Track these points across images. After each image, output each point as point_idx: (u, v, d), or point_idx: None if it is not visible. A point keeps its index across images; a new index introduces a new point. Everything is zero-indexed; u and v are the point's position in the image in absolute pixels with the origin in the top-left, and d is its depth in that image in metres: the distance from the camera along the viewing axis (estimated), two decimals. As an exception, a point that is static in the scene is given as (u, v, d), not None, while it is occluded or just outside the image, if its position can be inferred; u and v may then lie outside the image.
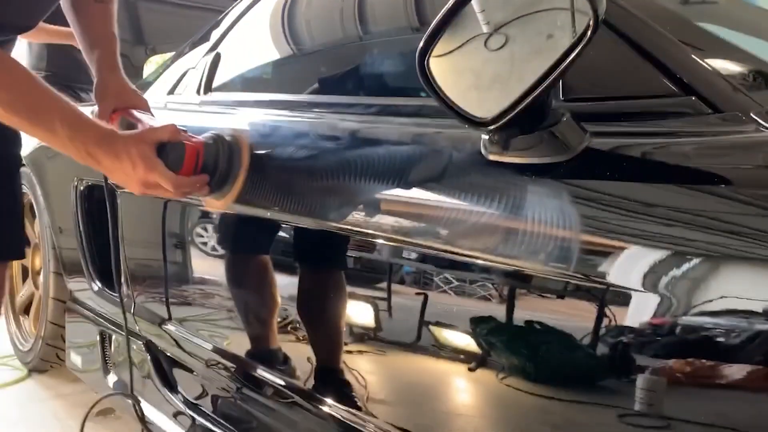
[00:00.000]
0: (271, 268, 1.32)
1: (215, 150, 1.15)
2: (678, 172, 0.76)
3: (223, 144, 1.16)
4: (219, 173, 1.14)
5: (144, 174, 1.07)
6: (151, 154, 1.07)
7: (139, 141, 1.08)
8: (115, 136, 1.08)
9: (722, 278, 0.68)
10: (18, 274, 2.62)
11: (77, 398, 2.21)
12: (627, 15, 0.93)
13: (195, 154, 1.11)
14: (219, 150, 1.15)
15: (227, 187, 1.16)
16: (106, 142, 1.07)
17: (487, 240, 0.85)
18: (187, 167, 1.10)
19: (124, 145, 1.08)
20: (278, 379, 1.28)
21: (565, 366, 0.81)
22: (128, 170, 1.07)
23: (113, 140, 1.08)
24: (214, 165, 1.14)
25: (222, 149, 1.15)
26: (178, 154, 1.09)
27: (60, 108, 1.07)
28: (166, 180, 1.08)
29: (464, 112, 0.81)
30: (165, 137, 1.10)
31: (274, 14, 1.74)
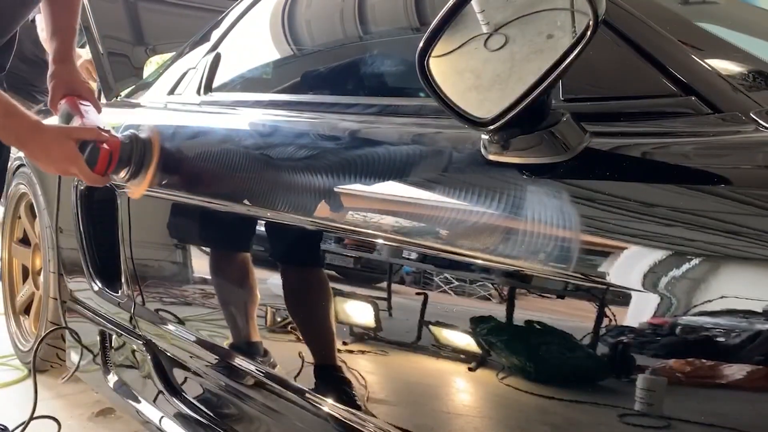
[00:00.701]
0: (270, 268, 1.32)
1: (130, 148, 1.41)
2: (678, 172, 0.76)
3: (137, 142, 1.43)
4: (133, 167, 1.42)
5: (65, 165, 1.31)
6: (74, 150, 1.29)
7: (65, 136, 1.31)
8: (43, 128, 1.29)
9: (722, 278, 0.68)
10: (18, 274, 2.62)
11: (77, 398, 2.21)
12: (627, 15, 0.93)
13: (107, 155, 1.34)
14: (133, 148, 1.42)
15: (140, 179, 1.44)
16: (34, 131, 1.28)
17: (487, 240, 0.85)
18: (101, 166, 1.34)
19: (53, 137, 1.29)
20: (278, 379, 1.28)
21: (565, 366, 0.81)
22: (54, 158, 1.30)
23: (41, 131, 1.28)
24: (128, 160, 1.41)
25: (136, 147, 1.42)
26: (94, 155, 1.33)
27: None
28: (83, 175, 1.32)
29: (464, 112, 0.81)
30: (89, 137, 1.32)
31: (274, 14, 1.74)
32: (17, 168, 2.36)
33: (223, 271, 1.46)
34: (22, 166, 2.31)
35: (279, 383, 1.27)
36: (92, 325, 1.99)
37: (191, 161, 1.49)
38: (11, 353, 2.55)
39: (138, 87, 2.14)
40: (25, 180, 2.31)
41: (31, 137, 1.28)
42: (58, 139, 1.29)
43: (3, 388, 2.32)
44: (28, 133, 1.27)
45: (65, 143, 1.29)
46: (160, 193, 1.53)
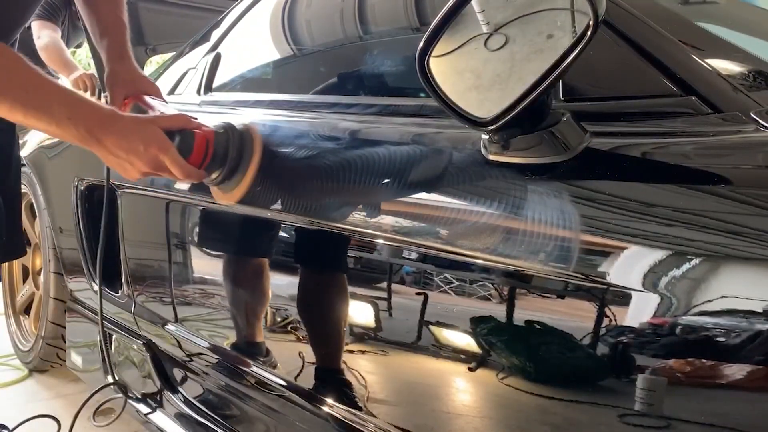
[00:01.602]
0: (271, 268, 1.32)
1: (225, 139, 1.12)
2: (678, 172, 0.76)
3: (233, 133, 1.13)
4: (229, 163, 1.12)
5: (156, 154, 1.03)
6: (162, 137, 1.05)
7: (150, 122, 1.07)
8: (121, 117, 1.06)
9: (722, 278, 0.68)
10: (18, 274, 2.62)
11: (78, 398, 2.21)
12: (627, 15, 0.93)
13: (204, 143, 1.08)
14: (229, 139, 1.12)
15: (237, 179, 1.13)
16: (111, 121, 1.04)
17: (487, 240, 0.85)
18: (197, 155, 1.08)
19: (135, 125, 1.05)
20: (279, 379, 1.28)
21: (565, 366, 0.81)
22: (137, 150, 1.03)
23: (119, 119, 1.05)
24: (224, 154, 1.11)
25: (232, 138, 1.12)
26: (188, 141, 1.07)
27: (56, 88, 1.04)
28: (177, 165, 1.05)
29: (464, 112, 0.81)
30: (176, 125, 1.08)
31: (274, 14, 1.74)
32: (20, 170, 2.35)
33: (223, 271, 1.46)
34: (22, 166, 2.31)
35: (279, 383, 1.27)
36: (92, 325, 1.99)
37: None
38: (11, 353, 2.55)
39: (138, 87, 2.13)
40: (25, 180, 2.31)
41: (106, 129, 1.03)
42: (142, 126, 1.05)
43: (3, 388, 2.32)
44: (102, 125, 1.03)
45: (151, 130, 1.04)
46: (159, 192, 1.53)
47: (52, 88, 1.04)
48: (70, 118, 1.02)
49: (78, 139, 1.04)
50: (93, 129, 1.02)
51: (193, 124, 1.10)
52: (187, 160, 1.07)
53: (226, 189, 1.16)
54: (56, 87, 1.04)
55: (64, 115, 1.02)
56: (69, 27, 2.99)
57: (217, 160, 1.11)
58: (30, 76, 1.03)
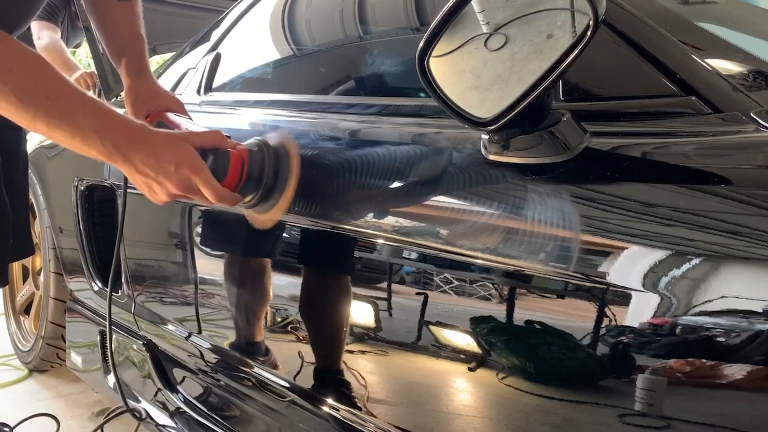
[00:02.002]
0: (270, 268, 1.32)
1: (260, 158, 1.04)
2: (678, 172, 0.76)
3: (269, 151, 1.05)
4: (265, 184, 1.04)
5: (188, 176, 0.95)
6: (195, 156, 0.96)
7: (183, 140, 0.98)
8: (152, 133, 0.97)
9: (722, 278, 0.68)
10: (18, 274, 2.62)
11: (77, 398, 2.21)
12: (627, 15, 0.93)
13: (240, 164, 1.00)
14: (265, 158, 1.04)
15: (273, 200, 1.05)
16: (140, 137, 0.95)
17: (487, 240, 0.85)
18: (232, 178, 1.00)
19: (167, 143, 0.97)
20: (279, 379, 1.28)
21: (565, 366, 0.81)
22: (167, 170, 0.95)
23: (149, 135, 0.96)
24: (260, 175, 1.03)
25: (268, 158, 1.04)
26: (223, 162, 0.99)
27: (83, 97, 0.95)
28: (210, 188, 0.96)
29: (464, 113, 0.81)
30: (210, 143, 1.00)
31: (274, 14, 1.74)
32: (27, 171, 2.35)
33: (223, 270, 1.46)
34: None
35: (279, 383, 1.27)
36: (92, 325, 2.00)
37: None
38: (11, 353, 2.55)
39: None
40: (25, 180, 2.31)
41: (135, 145, 0.94)
42: (173, 143, 0.96)
43: (3, 388, 2.33)
44: (130, 140, 0.94)
45: (183, 148, 0.96)
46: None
47: (79, 96, 0.95)
48: (96, 131, 0.93)
49: (103, 154, 0.95)
50: (120, 144, 0.94)
51: (228, 143, 1.02)
52: (221, 182, 0.98)
53: (260, 211, 1.08)
54: (83, 96, 0.95)
55: (90, 128, 0.93)
56: (68, 27, 2.99)
57: (252, 181, 1.03)
58: (57, 83, 0.94)
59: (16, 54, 0.93)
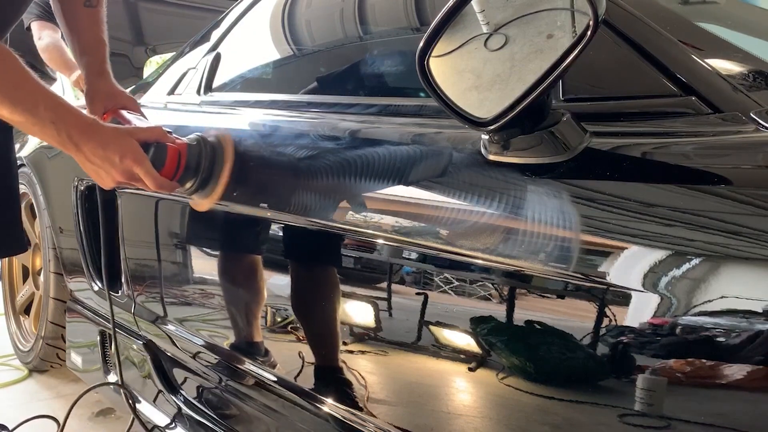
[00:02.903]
0: (270, 268, 1.32)
1: (198, 151, 1.20)
2: (678, 172, 0.76)
3: (206, 145, 1.21)
4: (202, 174, 1.20)
5: (130, 166, 1.10)
6: (137, 149, 1.11)
7: (128, 134, 1.13)
8: (102, 126, 1.12)
9: (722, 278, 0.68)
10: (18, 274, 2.62)
11: (77, 398, 2.21)
12: (627, 15, 0.93)
13: (177, 155, 1.16)
14: (202, 151, 1.20)
15: (210, 188, 1.21)
16: (91, 130, 1.09)
17: (487, 240, 0.85)
18: (169, 168, 1.15)
19: (114, 137, 1.11)
20: (278, 379, 1.28)
21: (565, 366, 0.81)
22: (113, 160, 1.09)
23: (99, 129, 1.11)
24: (197, 166, 1.19)
25: (205, 151, 1.20)
26: (161, 154, 1.14)
27: (43, 91, 1.08)
28: (150, 177, 1.12)
29: (464, 113, 0.81)
30: (152, 137, 1.15)
31: (274, 14, 1.74)
32: (17, 168, 2.35)
33: (223, 270, 1.46)
34: (23, 166, 2.31)
35: (279, 383, 1.27)
36: (92, 325, 1.99)
37: None
38: (11, 353, 2.55)
39: (138, 87, 2.14)
40: (25, 180, 2.31)
41: (86, 137, 1.08)
42: (119, 137, 1.11)
43: (3, 388, 2.33)
44: (82, 133, 1.08)
45: (127, 141, 1.11)
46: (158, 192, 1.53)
47: (41, 90, 1.08)
48: (53, 122, 1.07)
49: (58, 142, 1.09)
50: (74, 135, 1.08)
51: (168, 138, 1.17)
52: (159, 171, 1.13)
53: (199, 197, 1.24)
54: (45, 90, 1.08)
55: (48, 119, 1.06)
56: None
57: (190, 171, 1.19)
58: (23, 75, 1.07)
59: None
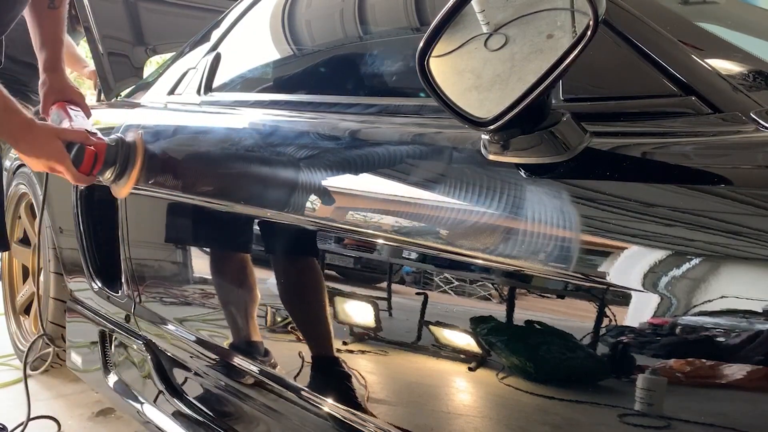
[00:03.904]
0: (270, 268, 1.32)
1: (115, 151, 1.48)
2: (678, 172, 0.76)
3: (122, 146, 1.50)
4: (117, 168, 1.49)
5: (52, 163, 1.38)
6: (61, 149, 1.37)
7: (54, 136, 1.38)
8: (35, 126, 1.37)
9: (722, 278, 0.68)
10: (18, 274, 2.62)
11: (77, 398, 2.21)
12: (627, 15, 0.93)
13: (93, 156, 1.43)
14: (118, 151, 1.49)
15: (123, 180, 1.50)
16: (26, 129, 1.36)
17: (487, 240, 0.85)
18: (86, 166, 1.42)
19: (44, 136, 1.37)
20: (278, 379, 1.28)
21: (565, 366, 0.81)
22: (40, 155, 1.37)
23: (32, 129, 1.37)
24: (113, 162, 1.48)
25: (121, 150, 1.49)
26: (80, 155, 1.41)
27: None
28: (69, 173, 1.40)
29: (464, 113, 0.81)
30: (75, 138, 1.40)
31: (274, 14, 1.74)
32: (17, 168, 2.36)
33: (223, 270, 1.46)
34: (23, 166, 2.31)
35: (279, 383, 1.27)
36: (92, 325, 1.99)
37: (182, 162, 1.49)
38: (11, 353, 2.55)
39: (138, 87, 2.14)
40: (25, 180, 2.31)
41: (23, 135, 1.35)
42: (48, 137, 1.37)
43: (3, 388, 2.33)
44: (20, 131, 1.35)
45: (53, 142, 1.37)
46: (158, 192, 1.53)
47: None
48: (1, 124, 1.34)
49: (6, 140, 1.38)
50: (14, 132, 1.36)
51: (90, 140, 1.43)
52: (78, 168, 1.41)
53: (117, 187, 1.53)
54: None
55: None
56: (69, 30, 3.03)
57: (108, 166, 1.48)
58: None
59: None
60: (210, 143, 1.48)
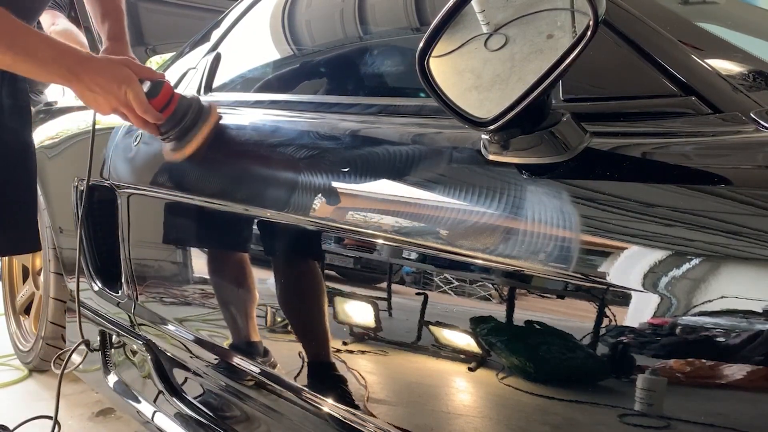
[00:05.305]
0: (270, 268, 1.32)
1: (187, 104, 1.31)
2: (678, 172, 0.76)
3: (196, 103, 1.33)
4: (183, 125, 1.31)
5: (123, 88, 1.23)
6: (131, 75, 1.24)
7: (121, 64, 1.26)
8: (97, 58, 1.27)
9: (722, 278, 0.68)
10: (18, 274, 2.62)
11: (77, 398, 2.21)
12: (627, 15, 0.93)
13: (170, 92, 1.27)
14: (191, 106, 1.31)
15: (186, 140, 1.32)
16: (88, 61, 1.23)
17: (487, 240, 0.85)
18: (160, 99, 1.26)
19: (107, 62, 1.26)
20: (278, 379, 1.28)
21: (565, 366, 0.81)
22: (109, 85, 1.22)
23: (96, 59, 1.26)
24: (182, 116, 1.30)
25: (193, 107, 1.32)
26: (157, 86, 1.26)
27: (40, 35, 1.21)
28: (139, 101, 1.24)
29: (464, 113, 0.81)
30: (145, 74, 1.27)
31: (275, 14, 1.74)
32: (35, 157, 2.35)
33: (223, 270, 1.46)
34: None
35: (279, 383, 1.27)
36: (92, 325, 1.99)
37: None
38: (11, 353, 2.55)
39: (138, 87, 2.13)
40: (25, 180, 2.31)
41: (84, 67, 1.22)
42: (113, 64, 1.26)
43: (3, 388, 2.33)
44: (81, 64, 1.22)
45: (120, 68, 1.25)
46: (158, 192, 1.53)
47: (37, 34, 1.21)
48: (54, 59, 1.20)
49: (60, 76, 1.21)
50: (73, 67, 1.21)
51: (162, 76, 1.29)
52: (150, 100, 1.25)
53: (175, 145, 1.35)
54: (40, 34, 1.22)
55: (49, 57, 1.19)
56: None
57: (176, 117, 1.30)
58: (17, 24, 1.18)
59: None
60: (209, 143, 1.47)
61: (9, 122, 1.38)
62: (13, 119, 1.40)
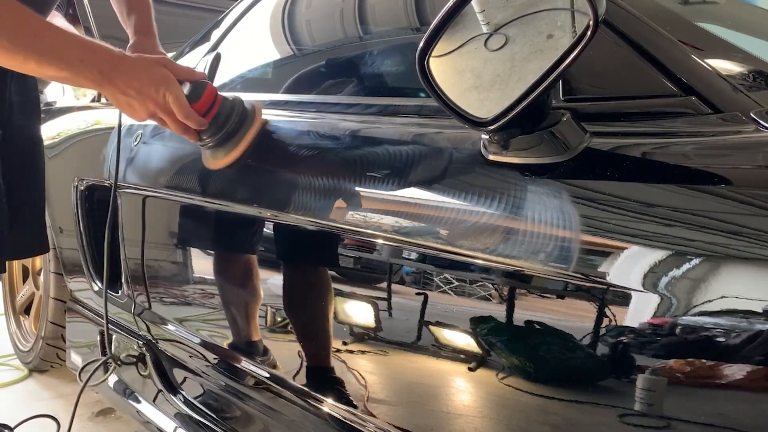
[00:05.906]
0: (271, 268, 1.32)
1: (231, 106, 1.17)
2: (678, 172, 0.76)
3: (239, 105, 1.19)
4: (227, 129, 1.17)
5: (162, 91, 1.08)
6: (169, 76, 1.10)
7: (157, 63, 1.12)
8: (131, 58, 1.10)
9: (722, 278, 0.68)
10: (18, 274, 2.62)
11: (77, 398, 2.21)
12: (627, 15, 0.93)
13: (214, 94, 1.14)
14: (234, 108, 1.18)
15: (229, 147, 1.18)
16: (121, 62, 1.07)
17: (487, 240, 0.85)
18: (203, 103, 1.12)
19: (143, 62, 1.10)
20: (278, 379, 1.28)
21: (565, 366, 0.81)
22: (145, 88, 1.07)
23: (129, 59, 1.09)
24: (225, 120, 1.16)
25: (237, 109, 1.18)
26: (199, 88, 1.12)
27: (65, 33, 1.05)
28: (180, 105, 1.10)
29: (464, 113, 0.81)
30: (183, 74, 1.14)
31: (275, 14, 1.74)
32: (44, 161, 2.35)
33: (223, 271, 1.46)
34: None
35: (279, 383, 1.27)
36: (92, 325, 2.00)
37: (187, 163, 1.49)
38: (11, 353, 2.55)
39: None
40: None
41: (117, 68, 1.06)
42: (149, 63, 1.11)
43: (3, 388, 2.33)
44: (113, 66, 1.06)
45: (157, 68, 1.10)
46: (158, 192, 1.53)
47: (62, 33, 1.05)
48: (82, 60, 1.04)
49: (92, 80, 1.06)
50: (105, 70, 1.05)
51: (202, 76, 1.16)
52: (192, 105, 1.11)
53: (217, 153, 1.20)
54: (65, 32, 1.05)
55: (76, 59, 1.04)
56: None
57: (219, 121, 1.16)
58: (39, 23, 1.04)
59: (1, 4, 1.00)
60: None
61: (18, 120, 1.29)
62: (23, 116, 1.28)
